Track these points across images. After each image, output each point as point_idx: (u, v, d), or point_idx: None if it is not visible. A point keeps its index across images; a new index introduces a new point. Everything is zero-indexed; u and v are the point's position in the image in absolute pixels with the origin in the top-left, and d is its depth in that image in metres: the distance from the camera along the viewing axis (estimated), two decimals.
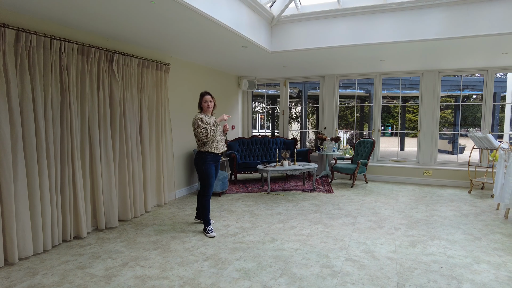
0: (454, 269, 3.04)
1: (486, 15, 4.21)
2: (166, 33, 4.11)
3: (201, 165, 3.98)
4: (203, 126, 3.87)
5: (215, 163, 4.09)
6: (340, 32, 4.89)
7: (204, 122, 3.93)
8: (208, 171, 3.99)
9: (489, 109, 6.61)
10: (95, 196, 4.05)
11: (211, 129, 3.87)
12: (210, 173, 4.01)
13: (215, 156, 4.03)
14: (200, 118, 3.93)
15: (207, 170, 3.98)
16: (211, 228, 4.00)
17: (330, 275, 2.92)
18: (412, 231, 4.06)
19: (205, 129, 3.86)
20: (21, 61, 3.19)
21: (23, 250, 3.21)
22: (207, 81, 6.66)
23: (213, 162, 4.03)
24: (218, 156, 4.09)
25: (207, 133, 3.85)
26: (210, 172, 4.01)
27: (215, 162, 4.09)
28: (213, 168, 4.06)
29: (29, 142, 3.25)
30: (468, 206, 5.16)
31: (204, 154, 3.97)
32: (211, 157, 3.99)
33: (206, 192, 4.05)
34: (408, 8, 4.52)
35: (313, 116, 14.99)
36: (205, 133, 3.85)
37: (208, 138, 3.88)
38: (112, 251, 3.44)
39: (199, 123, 3.88)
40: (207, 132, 3.85)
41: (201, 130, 3.86)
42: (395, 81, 11.56)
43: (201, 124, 3.88)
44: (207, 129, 3.86)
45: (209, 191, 4.05)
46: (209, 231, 3.94)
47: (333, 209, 4.98)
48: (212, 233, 3.92)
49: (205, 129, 3.86)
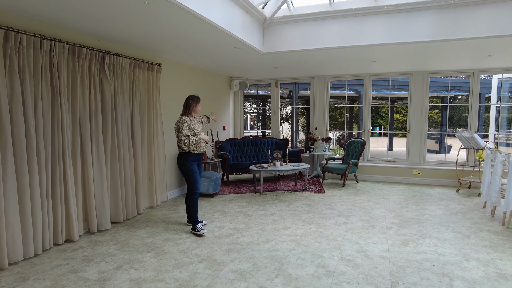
0: (445, 266, 3.11)
1: (474, 19, 4.32)
2: (158, 33, 4.07)
3: (183, 165, 4.02)
4: (187, 133, 3.92)
5: (197, 162, 4.15)
6: (332, 33, 4.94)
7: (190, 129, 3.97)
8: (191, 167, 4.03)
9: (475, 110, 6.78)
10: (86, 198, 3.99)
11: (192, 142, 3.91)
12: (194, 169, 4.05)
13: (197, 155, 4.11)
14: (186, 123, 3.95)
15: (189, 167, 4.02)
16: (200, 226, 3.99)
17: (325, 274, 2.95)
18: (403, 230, 4.13)
19: (187, 138, 3.90)
20: (10, 61, 3.12)
21: (13, 255, 3.14)
22: (198, 82, 6.63)
23: (195, 161, 4.10)
24: (200, 155, 4.17)
25: (188, 143, 3.90)
26: (193, 168, 4.05)
27: (197, 161, 4.16)
28: (196, 167, 4.11)
29: (19, 144, 3.18)
30: (457, 205, 5.28)
31: (186, 154, 4.03)
32: (192, 157, 4.06)
33: (194, 190, 4.07)
34: (398, 11, 4.60)
35: (303, 116, 15.08)
36: (186, 142, 3.90)
37: (187, 148, 3.93)
38: (105, 254, 3.39)
39: (184, 129, 3.91)
40: (189, 142, 3.90)
41: (184, 137, 3.90)
42: (384, 82, 11.75)
43: (186, 130, 3.92)
44: (189, 140, 3.90)
45: (196, 187, 4.07)
46: (198, 229, 3.93)
47: (325, 209, 5.03)
48: (202, 230, 3.92)
49: (187, 138, 3.90)
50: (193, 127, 4.00)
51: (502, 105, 7.42)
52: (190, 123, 3.98)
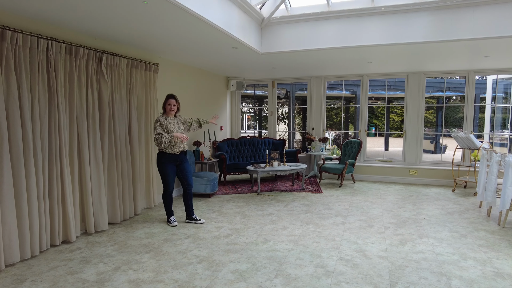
0: (443, 266, 3.13)
1: (470, 20, 4.36)
2: (156, 33, 4.06)
3: (158, 165, 4.21)
4: (159, 131, 4.03)
5: (174, 162, 4.22)
6: (330, 34, 4.95)
7: (163, 128, 4.07)
8: (163, 171, 4.18)
9: (470, 110, 6.84)
10: (83, 198, 3.96)
11: (165, 140, 3.99)
12: (165, 171, 4.18)
13: (172, 156, 4.17)
14: (159, 122, 4.09)
15: (161, 170, 4.19)
16: (173, 218, 4.35)
17: (324, 275, 2.96)
18: (401, 229, 4.15)
19: (160, 136, 3.99)
20: (6, 60, 3.08)
21: (9, 256, 3.10)
22: (195, 82, 6.62)
23: (170, 162, 4.18)
24: (176, 155, 4.21)
25: (160, 141, 4.00)
26: (165, 170, 4.17)
27: (174, 161, 4.22)
28: (170, 168, 4.19)
29: (16, 145, 3.15)
30: (453, 205, 5.32)
31: (161, 154, 4.16)
32: (166, 158, 4.14)
33: (164, 189, 4.29)
34: (395, 12, 4.63)
35: (299, 116, 15.11)
36: (159, 140, 4.00)
37: (160, 146, 4.05)
38: (103, 255, 3.37)
39: (156, 127, 4.06)
40: (161, 140, 3.99)
41: (156, 135, 4.02)
42: (379, 82, 11.79)
43: (158, 129, 4.05)
44: (161, 138, 3.99)
45: (166, 187, 4.27)
46: (171, 221, 4.30)
47: (323, 209, 5.04)
48: (174, 222, 4.29)
49: (160, 136, 3.99)
50: (166, 125, 4.09)
51: (497, 105, 7.49)
52: (163, 121, 4.10)
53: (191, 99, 6.40)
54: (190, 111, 6.29)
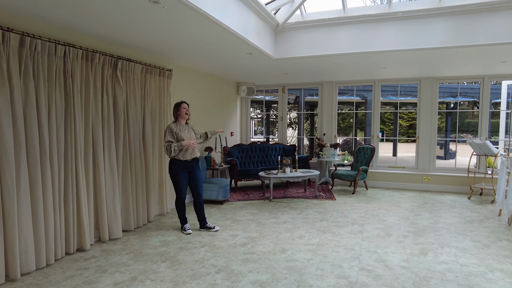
0: (469, 278, 3.03)
1: (489, 25, 4.28)
2: (172, 38, 4.03)
3: (170, 171, 4.15)
4: (169, 139, 3.99)
5: (186, 169, 4.16)
6: (345, 39, 4.90)
7: (173, 135, 4.03)
8: (176, 178, 4.12)
9: (485, 116, 6.73)
10: (98, 205, 3.91)
11: (174, 149, 3.96)
12: (177, 179, 4.12)
13: (184, 163, 4.10)
14: (170, 129, 4.05)
15: (174, 176, 4.13)
16: (187, 226, 4.28)
17: (347, 286, 2.87)
18: (420, 238, 4.04)
19: (169, 145, 3.96)
20: (25, 66, 3.06)
21: (25, 265, 3.05)
22: (206, 88, 6.58)
23: (182, 168, 4.12)
24: (188, 162, 4.15)
25: (170, 150, 3.96)
26: (177, 178, 4.11)
27: (186, 168, 4.16)
28: (182, 174, 4.13)
29: (33, 151, 3.11)
30: (471, 212, 5.20)
31: (172, 161, 4.11)
32: (178, 164, 4.08)
33: (177, 195, 4.22)
34: (413, 17, 4.57)
35: (307, 122, 15.03)
36: (168, 148, 3.97)
37: (169, 155, 4.01)
38: (119, 264, 3.31)
39: (166, 135, 4.02)
40: (170, 149, 3.95)
41: (166, 143, 3.99)
42: (389, 87, 11.72)
43: (168, 136, 4.01)
44: (171, 146, 3.95)
45: (178, 194, 4.19)
46: (185, 229, 4.23)
47: (338, 217, 4.94)
48: (188, 230, 4.22)
49: (169, 144, 3.96)
50: (177, 133, 4.04)
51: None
52: (174, 129, 4.06)
53: (202, 104, 6.37)
54: (201, 116, 6.25)
